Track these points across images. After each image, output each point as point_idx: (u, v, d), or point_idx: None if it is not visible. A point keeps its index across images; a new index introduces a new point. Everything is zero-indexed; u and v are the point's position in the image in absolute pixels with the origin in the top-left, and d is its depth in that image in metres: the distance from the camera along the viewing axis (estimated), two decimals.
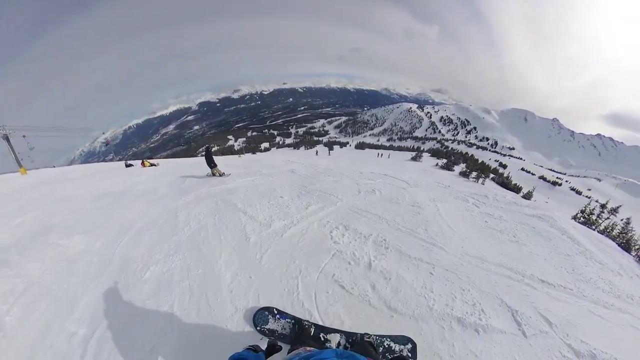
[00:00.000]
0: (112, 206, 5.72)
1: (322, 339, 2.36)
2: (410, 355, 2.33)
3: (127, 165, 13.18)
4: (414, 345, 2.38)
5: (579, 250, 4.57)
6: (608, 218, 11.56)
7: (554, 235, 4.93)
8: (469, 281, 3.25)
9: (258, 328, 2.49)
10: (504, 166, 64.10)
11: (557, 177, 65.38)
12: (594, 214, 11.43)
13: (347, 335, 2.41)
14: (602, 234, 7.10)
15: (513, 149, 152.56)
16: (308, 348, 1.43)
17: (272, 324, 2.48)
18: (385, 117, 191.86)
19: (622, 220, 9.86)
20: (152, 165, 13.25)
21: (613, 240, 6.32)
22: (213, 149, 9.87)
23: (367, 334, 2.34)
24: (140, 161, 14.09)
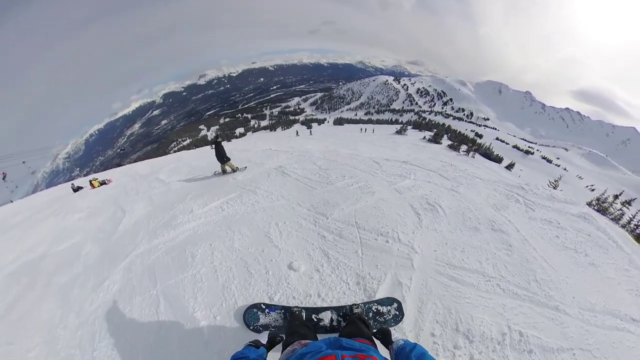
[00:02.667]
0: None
1: (315, 319, 2.39)
2: (397, 313, 2.48)
3: (75, 190, 10.89)
4: (399, 303, 2.54)
5: (630, 259, 4.34)
6: (620, 210, 11.51)
7: (605, 243, 4.62)
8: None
9: (251, 327, 2.47)
10: (480, 136, 67.32)
11: (529, 147, 70.38)
12: (606, 202, 11.78)
13: (337, 309, 2.45)
14: (617, 224, 7.24)
15: (488, 119, 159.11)
16: (303, 342, 1.41)
17: (263, 320, 2.46)
18: (362, 91, 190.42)
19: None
20: (103, 183, 10.97)
21: (630, 232, 6.52)
22: (215, 140, 7.50)
23: (355, 304, 2.46)
24: (90, 181, 11.59)
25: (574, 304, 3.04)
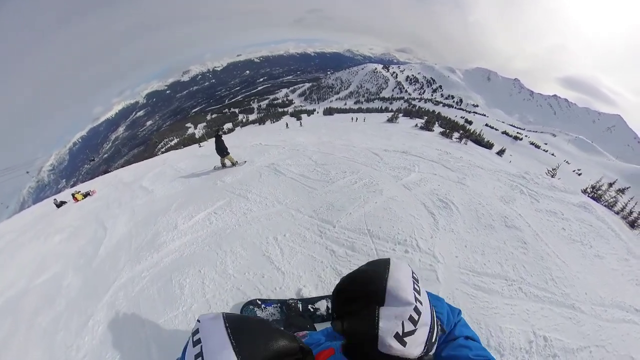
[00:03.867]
0: None
1: (311, 309, 2.38)
2: None
3: (59, 205, 10.31)
4: None
5: (628, 248, 4.58)
6: (614, 197, 11.84)
7: (606, 232, 4.81)
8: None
9: None
10: (470, 122, 68.73)
11: (517, 133, 73.04)
12: (602, 189, 11.98)
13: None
14: (611, 211, 7.61)
15: (477, 106, 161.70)
16: (301, 333, 1.28)
17: (260, 315, 2.42)
18: (351, 80, 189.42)
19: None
20: (86, 195, 10.44)
21: (624, 219, 6.67)
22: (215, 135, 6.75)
23: None
24: (72, 195, 10.96)
25: (586, 300, 3.13)
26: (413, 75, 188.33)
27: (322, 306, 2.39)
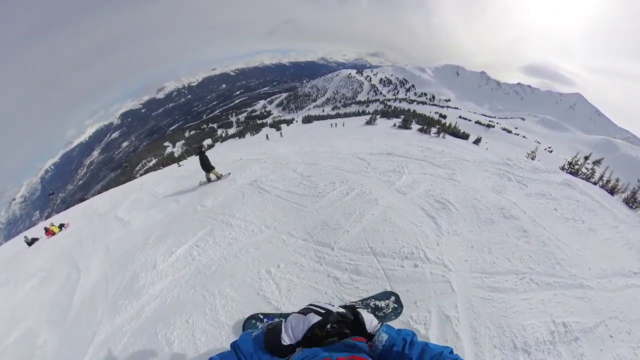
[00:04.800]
0: None
1: None
2: (396, 306, 2.44)
3: (30, 243, 9.65)
4: (397, 295, 2.51)
5: (614, 215, 4.98)
6: (592, 169, 12.76)
7: (591, 205, 5.11)
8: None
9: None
10: (444, 117, 71.65)
11: (489, 121, 77.59)
12: (578, 164, 12.88)
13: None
14: (589, 182, 8.07)
15: (449, 100, 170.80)
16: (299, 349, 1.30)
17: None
18: (326, 87, 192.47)
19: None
20: (61, 227, 9.90)
21: (602, 188, 7.19)
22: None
23: (354, 303, 2.43)
24: (45, 230, 10.26)
25: (592, 276, 3.22)
26: (386, 77, 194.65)
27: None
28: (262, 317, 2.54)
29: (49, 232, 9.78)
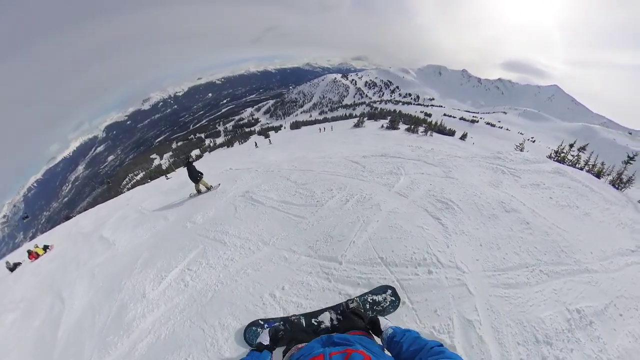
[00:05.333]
0: None
1: (315, 323, 2.35)
2: (394, 299, 2.49)
3: (12, 268, 9.21)
4: (393, 289, 2.55)
5: (604, 197, 5.21)
6: (577, 156, 13.30)
7: (582, 189, 5.29)
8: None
9: (254, 345, 2.30)
10: (429, 115, 73.75)
11: (473, 116, 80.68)
12: (564, 152, 13.31)
13: (334, 308, 2.45)
14: (576, 168, 8.44)
15: (433, 99, 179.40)
16: (299, 345, 1.44)
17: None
18: (313, 92, 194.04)
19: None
20: (45, 249, 9.48)
21: (589, 172, 7.46)
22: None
23: (350, 299, 2.48)
24: (28, 253, 9.62)
25: (594, 260, 3.32)
26: (371, 80, 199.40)
27: (326, 319, 2.32)
28: (262, 322, 2.49)
29: (32, 255, 9.33)
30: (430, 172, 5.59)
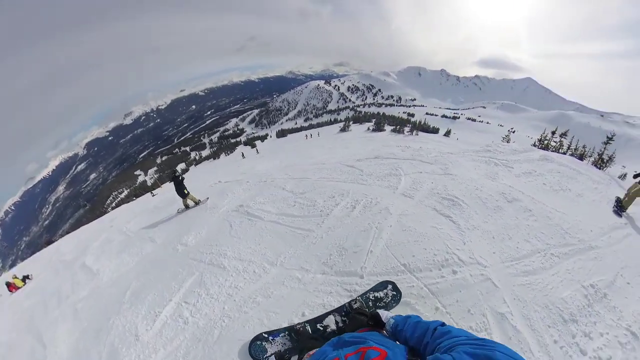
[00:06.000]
0: None
1: (321, 328, 2.31)
2: (395, 293, 2.47)
3: None
4: (393, 283, 2.53)
5: (591, 178, 5.50)
6: (560, 142, 14.05)
7: (571, 173, 5.54)
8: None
9: None
10: (412, 115, 76.00)
11: (454, 113, 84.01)
12: (547, 139, 14.09)
13: (338, 311, 2.40)
14: (561, 154, 8.91)
15: (414, 99, 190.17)
16: (311, 352, 1.42)
17: (271, 348, 2.30)
18: (297, 99, 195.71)
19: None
20: (25, 280, 8.84)
21: (572, 156, 8.05)
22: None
23: (353, 300, 2.43)
24: (7, 285, 8.88)
25: (596, 237, 3.51)
26: (353, 85, 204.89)
27: (331, 322, 2.29)
28: (266, 335, 2.36)
29: (12, 286, 8.58)
30: (429, 170, 5.52)
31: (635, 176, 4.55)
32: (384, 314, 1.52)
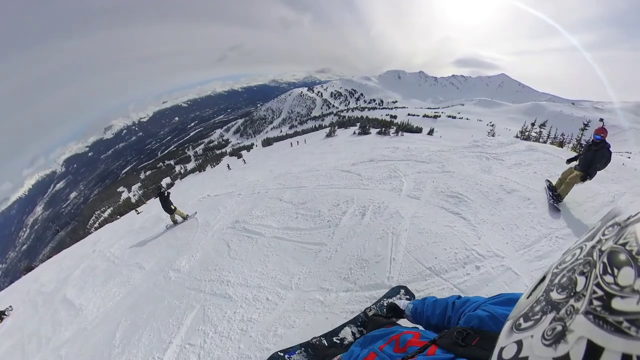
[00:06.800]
0: None
1: (337, 341, 2.22)
2: (408, 297, 2.38)
3: None
4: (406, 287, 2.44)
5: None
6: (540, 132, 15.40)
7: (554, 159, 5.71)
8: None
9: None
10: (395, 117, 78.02)
11: (435, 112, 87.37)
12: (527, 131, 15.09)
13: (353, 322, 2.31)
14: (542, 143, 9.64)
15: (396, 102, 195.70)
16: (335, 359, 1.32)
17: None
18: (281, 108, 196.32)
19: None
20: (2, 315, 8.14)
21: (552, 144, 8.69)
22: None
23: (368, 308, 2.35)
24: None
25: (590, 215, 3.69)
26: (336, 91, 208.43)
27: (347, 334, 2.22)
28: (282, 354, 2.25)
29: None
30: (426, 169, 5.52)
31: (568, 160, 4.36)
32: (401, 302, 1.50)
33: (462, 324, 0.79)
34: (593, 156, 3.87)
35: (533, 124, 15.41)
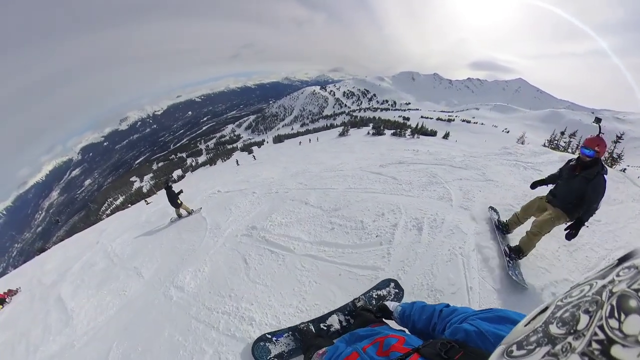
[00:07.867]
0: None
1: (325, 327, 2.25)
2: (397, 290, 2.41)
3: None
4: (396, 281, 2.46)
5: (611, 178, 5.09)
6: (569, 141, 14.85)
7: None
8: None
9: None
10: (408, 119, 77.31)
11: (449, 116, 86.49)
12: (557, 140, 14.90)
13: (341, 310, 2.35)
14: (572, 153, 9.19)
15: (409, 103, 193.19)
16: (320, 351, 1.36)
17: (275, 349, 2.19)
18: (293, 105, 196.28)
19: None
20: (2, 302, 7.86)
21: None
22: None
23: (357, 299, 2.37)
24: None
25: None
26: (349, 90, 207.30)
27: (334, 321, 2.21)
28: (269, 336, 2.27)
29: None
30: (467, 176, 5.06)
31: (534, 185, 3.03)
32: (391, 304, 1.46)
33: (447, 335, 0.79)
34: (581, 187, 2.39)
35: (562, 133, 14.61)
